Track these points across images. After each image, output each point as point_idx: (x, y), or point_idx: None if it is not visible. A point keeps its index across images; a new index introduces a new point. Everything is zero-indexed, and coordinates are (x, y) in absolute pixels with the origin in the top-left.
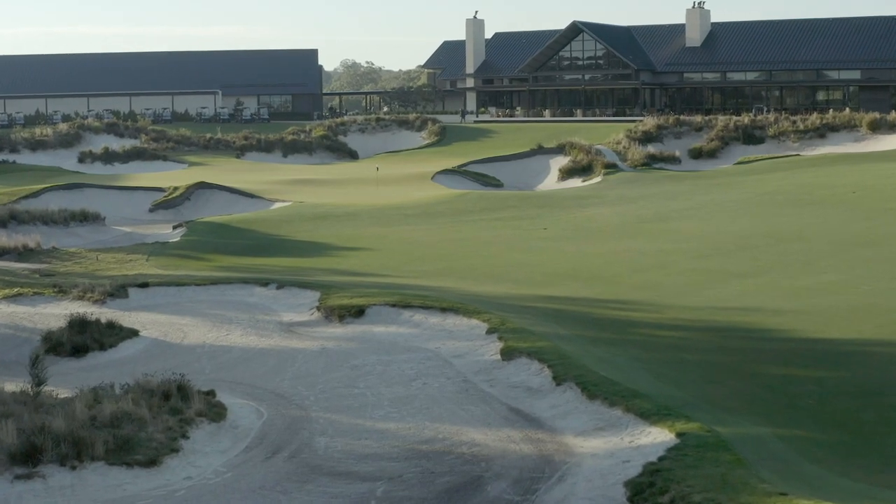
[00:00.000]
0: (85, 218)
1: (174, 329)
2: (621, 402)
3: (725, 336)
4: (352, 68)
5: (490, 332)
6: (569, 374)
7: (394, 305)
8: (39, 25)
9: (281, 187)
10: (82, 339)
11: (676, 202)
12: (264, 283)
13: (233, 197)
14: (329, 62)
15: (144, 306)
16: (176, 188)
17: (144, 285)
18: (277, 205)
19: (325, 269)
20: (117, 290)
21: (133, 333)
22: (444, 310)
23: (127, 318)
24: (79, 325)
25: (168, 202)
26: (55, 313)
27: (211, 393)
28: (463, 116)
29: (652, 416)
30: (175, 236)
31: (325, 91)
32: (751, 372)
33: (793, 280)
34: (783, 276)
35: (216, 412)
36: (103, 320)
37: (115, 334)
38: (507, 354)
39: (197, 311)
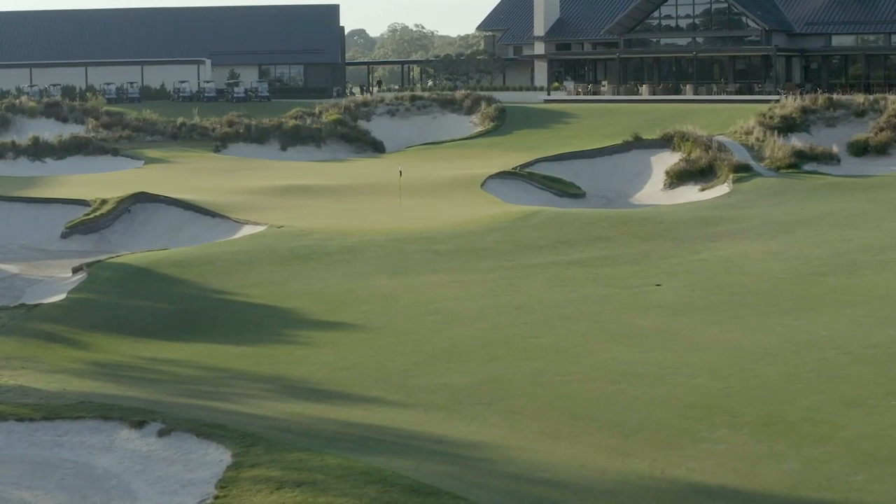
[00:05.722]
0: None
1: None
2: None
3: None
4: (398, 33)
5: None
6: None
7: None
8: None
9: (262, 199)
10: None
11: (858, 232)
12: (139, 424)
13: (186, 216)
14: (374, 26)
15: None
16: (103, 202)
17: None
18: (245, 230)
19: (271, 376)
20: None
21: None
22: None
23: None
24: None
25: (88, 223)
26: None
27: None
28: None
29: None
30: (63, 290)
31: (357, 60)
32: None
33: None
34: None
35: None
36: None
37: None
38: None
39: None
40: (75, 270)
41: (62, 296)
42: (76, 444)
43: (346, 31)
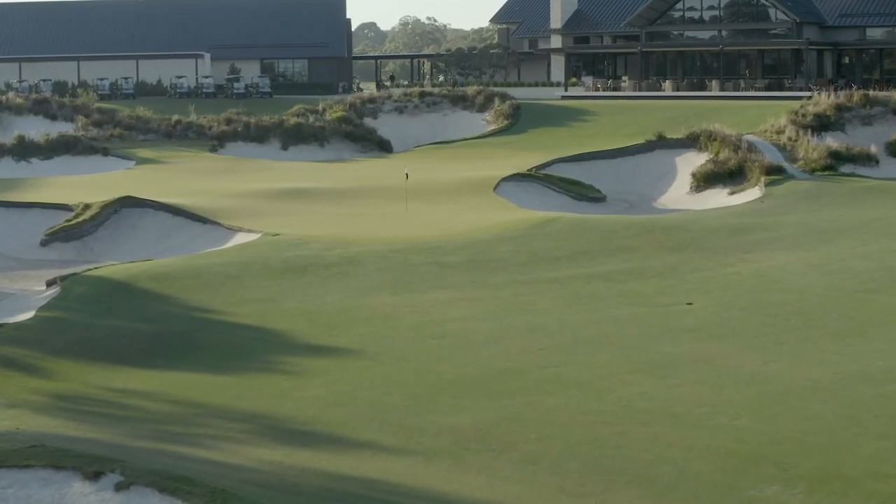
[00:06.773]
0: None
1: None
2: None
3: None
4: (410, 27)
5: None
6: None
7: None
8: None
9: (259, 203)
10: None
11: None
12: (94, 475)
13: (175, 222)
14: (385, 19)
15: None
16: (87, 207)
17: None
18: (238, 238)
19: (252, 413)
20: None
21: None
22: None
23: None
24: None
25: (70, 230)
26: None
27: None
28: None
29: None
30: (33, 307)
31: (366, 54)
32: None
33: None
34: None
35: None
36: None
37: None
38: None
39: None
40: (49, 284)
41: (30, 314)
42: (21, 498)
43: (357, 25)
